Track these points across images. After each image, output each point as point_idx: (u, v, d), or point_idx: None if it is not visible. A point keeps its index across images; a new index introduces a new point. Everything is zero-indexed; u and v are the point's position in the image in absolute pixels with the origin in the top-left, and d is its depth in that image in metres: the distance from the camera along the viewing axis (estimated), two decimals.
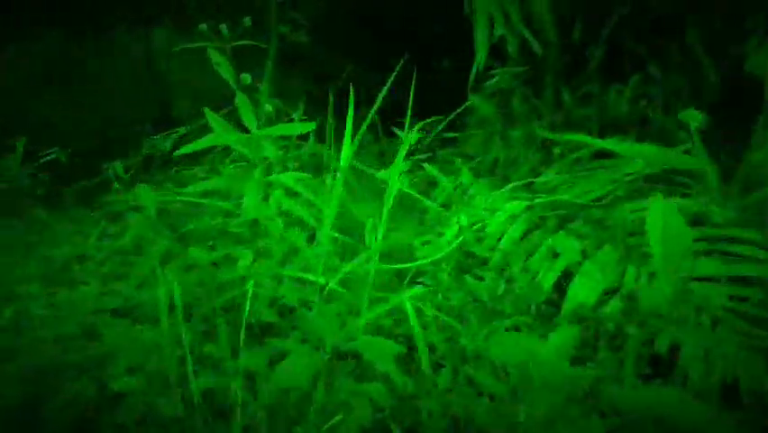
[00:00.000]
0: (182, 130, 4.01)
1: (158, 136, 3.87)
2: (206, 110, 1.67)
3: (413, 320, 1.59)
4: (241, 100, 1.57)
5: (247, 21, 1.68)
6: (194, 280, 1.61)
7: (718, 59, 2.56)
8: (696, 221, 2.00)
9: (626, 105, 2.65)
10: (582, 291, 1.81)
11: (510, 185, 2.36)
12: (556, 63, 2.95)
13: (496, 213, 2.18)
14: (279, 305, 1.66)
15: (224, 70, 1.62)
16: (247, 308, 1.47)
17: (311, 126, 1.61)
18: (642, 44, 2.73)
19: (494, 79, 3.64)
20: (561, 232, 2.05)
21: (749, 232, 1.90)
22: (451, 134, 3.68)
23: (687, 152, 2.44)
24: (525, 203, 2.25)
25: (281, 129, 1.58)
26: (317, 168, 2.83)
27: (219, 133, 1.56)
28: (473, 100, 3.61)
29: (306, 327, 1.46)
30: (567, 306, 1.81)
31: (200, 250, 1.62)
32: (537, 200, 2.23)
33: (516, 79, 3.51)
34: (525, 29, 2.50)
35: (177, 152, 1.58)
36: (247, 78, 1.69)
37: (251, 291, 1.49)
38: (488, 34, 2.48)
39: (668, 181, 2.32)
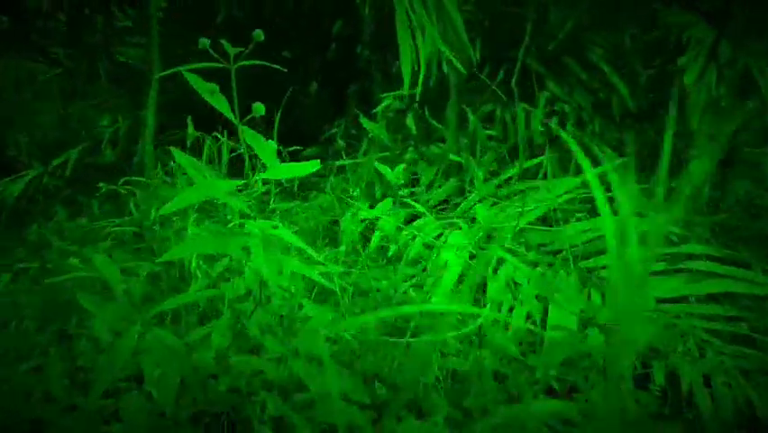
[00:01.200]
0: (32, 172, 3.46)
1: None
2: (175, 151, 1.33)
3: None
4: (249, 134, 1.23)
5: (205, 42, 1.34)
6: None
7: (628, 74, 2.58)
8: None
9: (537, 124, 2.60)
10: (563, 322, 1.67)
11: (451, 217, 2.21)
12: (460, 84, 2.84)
13: (442, 248, 2.00)
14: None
15: (218, 101, 1.29)
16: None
17: (316, 165, 1.33)
18: (545, 64, 2.70)
19: (385, 102, 3.48)
20: (513, 260, 1.91)
21: (709, 247, 1.86)
22: (347, 161, 3.48)
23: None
24: (467, 234, 2.09)
25: (294, 169, 1.26)
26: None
27: (210, 182, 1.22)
28: (365, 123, 3.43)
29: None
30: (548, 349, 1.65)
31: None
32: (479, 229, 2.07)
33: (412, 101, 3.38)
34: (448, 50, 2.37)
35: (163, 211, 1.22)
36: (261, 108, 1.37)
37: None
38: (410, 57, 2.32)
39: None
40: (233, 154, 2.78)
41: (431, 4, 2.32)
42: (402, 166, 2.52)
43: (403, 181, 2.47)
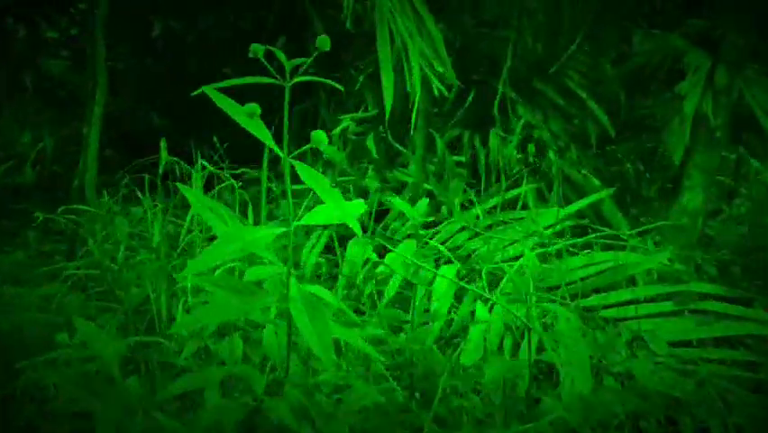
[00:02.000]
0: None
1: None
2: (183, 187, 1.09)
3: None
4: (305, 171, 0.99)
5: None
6: None
7: (607, 101, 2.50)
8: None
9: (512, 151, 2.49)
10: (578, 380, 1.52)
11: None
12: (427, 107, 2.70)
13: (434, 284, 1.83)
14: None
15: (257, 127, 1.07)
16: None
17: (362, 207, 1.13)
18: (517, 89, 2.59)
19: (342, 124, 3.30)
20: (515, 304, 1.76)
21: (715, 287, 1.77)
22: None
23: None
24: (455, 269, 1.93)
25: (345, 210, 1.03)
26: None
27: (247, 230, 0.97)
28: (321, 146, 3.23)
29: None
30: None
31: None
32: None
33: (374, 124, 3.22)
34: (432, 75, 2.22)
35: (191, 270, 0.99)
36: (323, 136, 1.15)
37: None
38: (393, 81, 2.16)
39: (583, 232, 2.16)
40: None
41: (413, 21, 2.17)
42: (426, 201, 2.34)
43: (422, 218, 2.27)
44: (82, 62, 4.62)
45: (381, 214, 2.98)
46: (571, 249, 1.99)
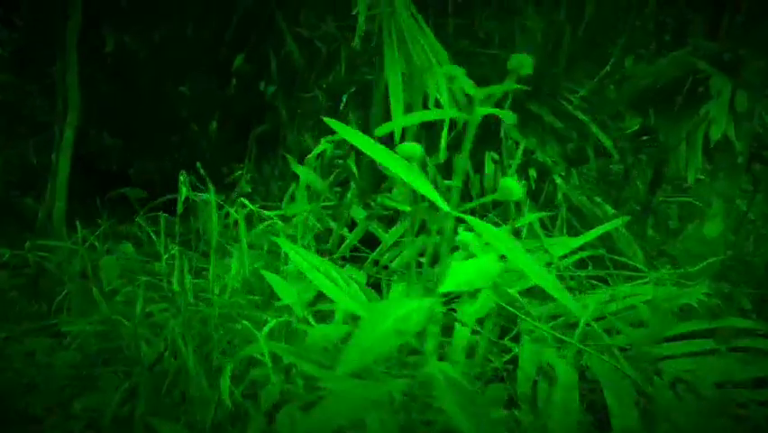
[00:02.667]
0: None
1: None
2: (282, 240, 0.90)
3: None
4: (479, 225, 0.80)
5: None
6: None
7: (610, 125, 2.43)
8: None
9: (512, 175, 2.38)
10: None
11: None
12: (415, 129, 2.57)
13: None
14: None
15: (416, 179, 0.89)
16: None
17: (497, 267, 0.96)
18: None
19: (321, 147, 3.13)
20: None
21: (754, 322, 1.68)
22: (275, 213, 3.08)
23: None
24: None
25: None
26: None
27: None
28: (297, 168, 3.05)
29: None
30: None
31: None
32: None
33: (353, 148, 3.05)
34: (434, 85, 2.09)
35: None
36: (513, 185, 0.97)
37: None
38: (401, 93, 2.01)
39: (602, 263, 2.05)
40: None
41: (419, 36, 2.04)
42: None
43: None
44: (29, 78, 4.32)
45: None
46: (589, 282, 1.88)
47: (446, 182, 2.66)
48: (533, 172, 2.35)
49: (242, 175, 4.50)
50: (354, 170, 2.92)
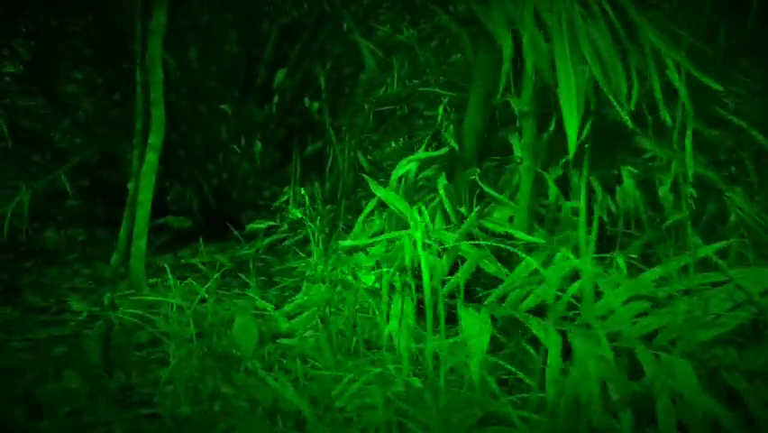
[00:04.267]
0: None
1: None
2: None
3: None
4: None
5: None
6: None
7: None
8: None
9: (667, 193, 1.99)
10: None
11: None
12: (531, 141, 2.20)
13: None
14: None
15: None
16: None
17: None
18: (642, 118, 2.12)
19: (405, 167, 2.74)
20: None
21: None
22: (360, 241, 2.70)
23: None
24: None
25: None
26: None
27: None
28: (380, 191, 2.66)
29: None
30: None
31: None
32: None
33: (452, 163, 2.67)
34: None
35: None
36: None
37: None
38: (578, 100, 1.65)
39: None
40: None
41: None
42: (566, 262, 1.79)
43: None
44: (48, 96, 3.92)
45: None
46: None
47: (569, 204, 2.28)
48: (689, 189, 1.97)
49: (288, 199, 4.13)
50: (442, 194, 2.54)
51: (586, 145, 2.23)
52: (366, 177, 2.68)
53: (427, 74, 4.16)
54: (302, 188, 4.22)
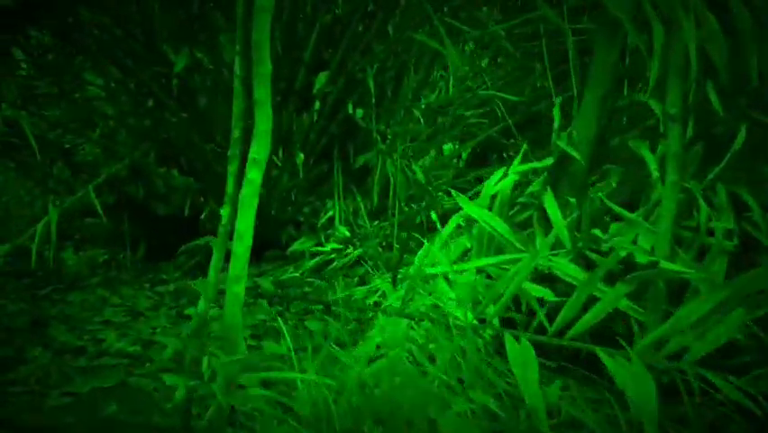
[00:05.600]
0: None
1: None
2: None
3: None
4: None
5: None
6: None
7: None
8: None
9: None
10: None
11: None
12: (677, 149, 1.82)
13: None
14: None
15: None
16: None
17: None
18: None
19: (509, 179, 2.36)
20: None
21: None
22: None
23: None
24: None
25: None
26: None
27: None
28: (470, 208, 2.29)
29: None
30: None
31: None
32: None
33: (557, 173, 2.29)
34: None
35: None
36: None
37: None
38: None
39: None
40: None
41: None
42: None
43: None
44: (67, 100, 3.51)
45: None
46: None
47: (719, 224, 1.90)
48: None
49: (333, 215, 3.75)
50: (554, 214, 2.16)
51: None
52: (455, 192, 2.30)
53: (483, 76, 3.80)
54: (346, 203, 3.86)
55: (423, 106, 3.75)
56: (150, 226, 3.83)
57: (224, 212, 1.50)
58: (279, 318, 2.29)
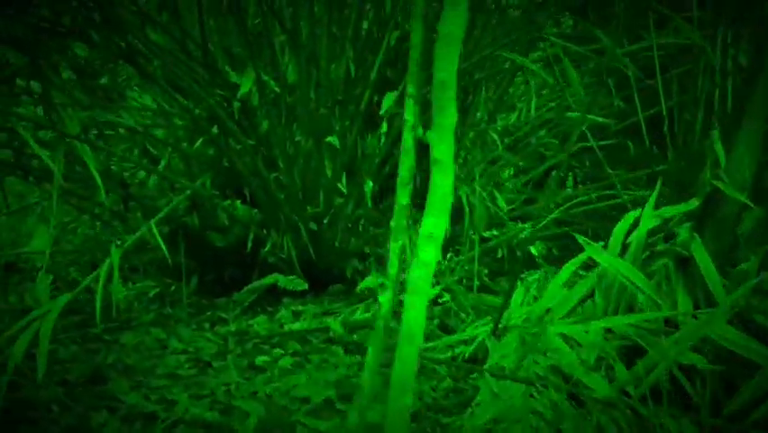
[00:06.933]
0: None
1: None
2: None
3: None
4: None
5: None
6: None
7: None
8: None
9: None
10: None
11: None
12: None
13: None
14: None
15: None
16: None
17: None
18: None
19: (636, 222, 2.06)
20: None
21: None
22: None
23: None
24: None
25: None
26: None
27: None
28: (603, 259, 1.99)
29: None
30: None
31: None
32: None
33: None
34: None
35: None
36: None
37: None
38: None
39: None
40: None
41: None
42: None
43: None
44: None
45: None
46: None
47: None
48: None
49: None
50: (705, 265, 1.84)
51: None
52: (577, 236, 2.00)
53: (564, 96, 3.49)
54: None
55: (499, 128, 3.45)
56: (205, 258, 3.57)
57: (384, 298, 1.22)
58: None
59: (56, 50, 2.13)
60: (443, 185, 1.25)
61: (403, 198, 1.32)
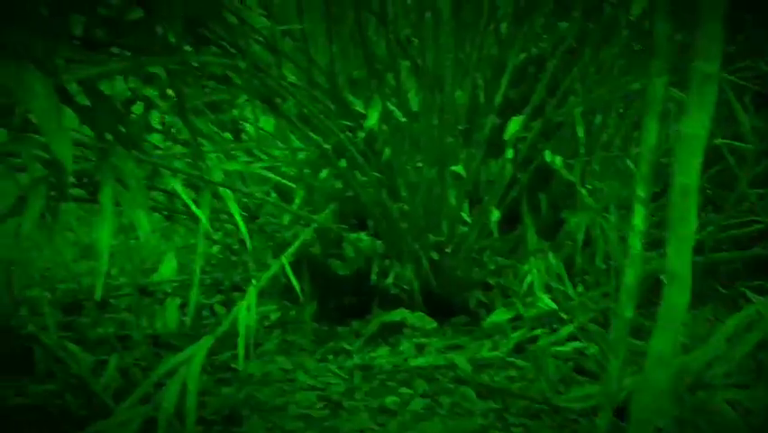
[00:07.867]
0: None
1: None
2: None
3: None
4: None
5: None
6: None
7: None
8: None
9: None
10: None
11: None
12: None
13: None
14: None
15: None
16: None
17: None
18: None
19: None
20: None
21: None
22: None
23: None
24: None
25: None
26: None
27: None
28: None
29: None
30: None
31: None
32: None
33: None
34: None
35: None
36: None
37: None
38: None
39: None
40: None
41: None
42: None
43: None
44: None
45: None
46: None
47: None
48: None
49: (532, 281, 3.34)
50: None
51: None
52: (746, 291, 1.83)
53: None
54: (542, 264, 3.43)
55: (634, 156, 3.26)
56: (326, 285, 3.56)
57: (613, 365, 1.12)
58: None
59: (194, 97, 2.14)
60: (677, 303, 1.13)
61: (628, 310, 1.21)
